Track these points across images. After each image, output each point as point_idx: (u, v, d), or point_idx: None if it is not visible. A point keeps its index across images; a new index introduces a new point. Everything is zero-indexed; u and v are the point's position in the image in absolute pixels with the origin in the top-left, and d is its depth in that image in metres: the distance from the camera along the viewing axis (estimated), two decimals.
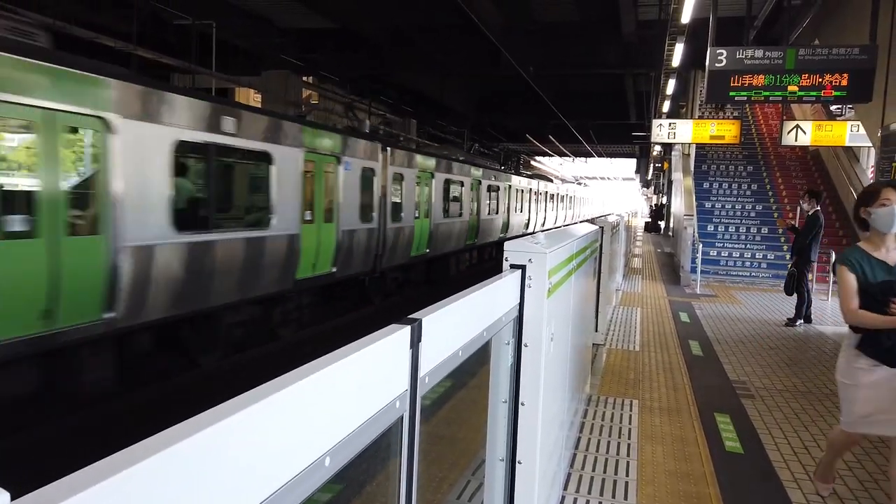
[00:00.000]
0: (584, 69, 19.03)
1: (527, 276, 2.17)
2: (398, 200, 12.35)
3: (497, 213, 19.48)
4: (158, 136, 6.31)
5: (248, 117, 7.73)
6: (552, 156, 47.89)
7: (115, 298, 5.88)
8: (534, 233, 2.49)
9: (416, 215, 13.27)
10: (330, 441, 0.92)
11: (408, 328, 1.19)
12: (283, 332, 9.22)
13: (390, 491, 1.26)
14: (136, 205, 6.04)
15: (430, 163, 14.09)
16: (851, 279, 3.06)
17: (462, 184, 16.14)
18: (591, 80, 23.39)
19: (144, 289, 6.19)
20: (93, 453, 0.58)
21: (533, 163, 48.67)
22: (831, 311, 9.80)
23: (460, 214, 16.09)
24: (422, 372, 1.28)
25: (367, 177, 10.87)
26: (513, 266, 2.18)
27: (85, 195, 5.77)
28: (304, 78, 18.21)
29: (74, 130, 5.62)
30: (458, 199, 15.99)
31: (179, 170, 6.78)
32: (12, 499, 0.43)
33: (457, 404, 3.51)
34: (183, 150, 6.75)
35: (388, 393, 1.13)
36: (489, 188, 18.50)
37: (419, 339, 1.25)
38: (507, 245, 2.22)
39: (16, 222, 5.17)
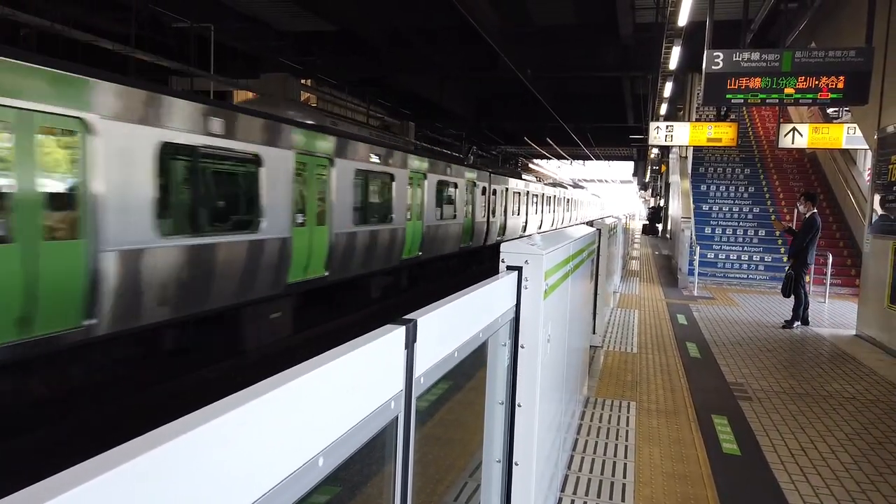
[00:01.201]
0: (581, 72, 19.06)
1: (523, 277, 2.18)
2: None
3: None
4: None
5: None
6: (550, 158, 47.97)
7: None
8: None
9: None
10: (324, 441, 0.92)
11: (402, 328, 1.19)
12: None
13: (385, 492, 1.25)
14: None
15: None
16: None
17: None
18: (589, 82, 23.44)
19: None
20: (85, 455, 0.58)
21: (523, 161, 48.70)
22: (828, 314, 9.82)
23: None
24: (417, 372, 1.28)
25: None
26: (509, 267, 2.18)
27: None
28: (303, 81, 18.22)
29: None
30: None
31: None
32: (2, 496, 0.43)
33: (453, 406, 3.51)
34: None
35: (383, 393, 1.13)
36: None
37: (414, 340, 1.25)
38: (503, 246, 2.22)
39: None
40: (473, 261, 18.41)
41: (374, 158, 11.41)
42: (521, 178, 24.37)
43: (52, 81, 5.32)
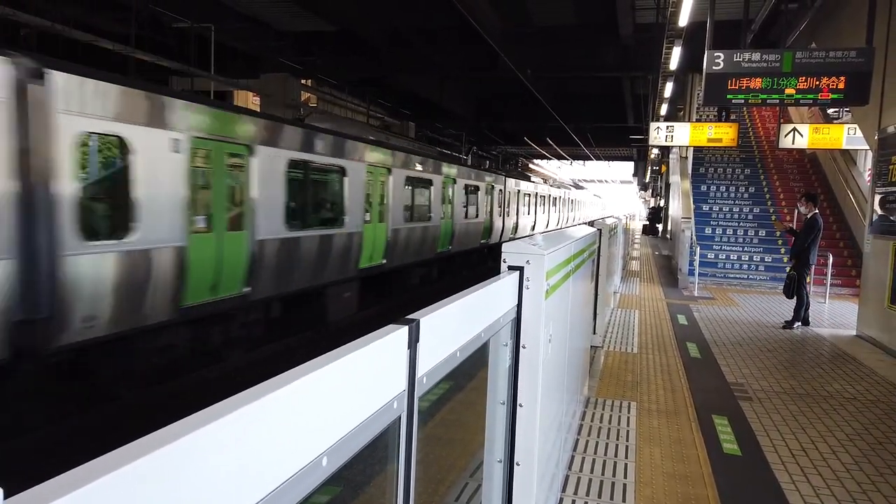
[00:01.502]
0: (581, 72, 19.07)
1: (524, 277, 2.17)
2: None
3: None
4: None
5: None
6: (550, 159, 47.98)
7: None
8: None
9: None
10: (327, 441, 0.92)
11: (405, 328, 1.19)
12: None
13: (388, 492, 1.25)
14: None
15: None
16: None
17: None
18: (589, 82, 23.44)
19: None
20: (90, 453, 0.58)
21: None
22: (829, 314, 9.82)
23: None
24: (419, 372, 1.28)
25: None
26: (510, 267, 2.18)
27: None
28: (303, 81, 18.22)
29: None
30: None
31: None
32: (6, 496, 0.43)
33: (455, 406, 3.51)
34: None
35: (386, 393, 1.13)
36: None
37: (417, 340, 1.25)
38: (504, 246, 2.22)
39: None
40: (490, 256, 19.51)
41: (418, 167, 13.42)
42: (530, 181, 25.80)
43: (237, 122, 7.54)
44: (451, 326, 1.51)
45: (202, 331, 7.63)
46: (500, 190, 20.04)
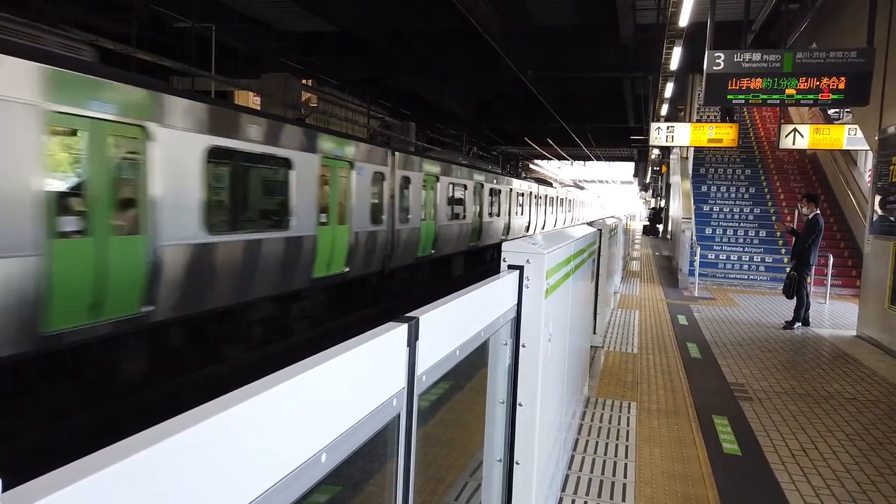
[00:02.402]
0: (582, 72, 19.06)
1: (524, 276, 2.18)
2: None
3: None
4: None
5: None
6: (551, 159, 47.98)
7: None
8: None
9: None
10: (326, 437, 0.92)
11: (405, 326, 1.19)
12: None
13: (387, 490, 1.25)
14: None
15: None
16: None
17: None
18: (590, 83, 23.44)
19: None
20: (85, 451, 0.58)
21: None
22: (829, 314, 9.81)
23: None
24: (419, 370, 1.28)
25: None
26: (510, 266, 2.18)
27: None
28: (304, 81, 18.23)
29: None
30: None
31: None
32: (5, 489, 0.43)
33: (454, 406, 3.51)
34: None
35: (385, 391, 1.13)
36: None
37: (416, 338, 1.25)
38: (505, 245, 2.22)
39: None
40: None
41: (457, 174, 15.37)
42: (540, 184, 27.88)
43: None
44: (450, 325, 1.51)
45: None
46: (518, 192, 21.52)
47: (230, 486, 0.71)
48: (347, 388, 0.99)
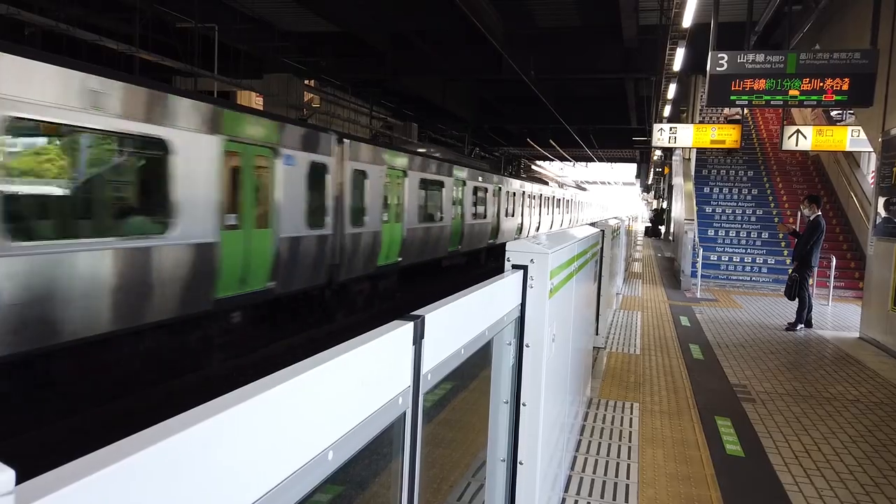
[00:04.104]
0: (584, 74, 19.06)
1: (528, 276, 2.17)
2: None
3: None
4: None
5: None
6: (553, 160, 47.97)
7: None
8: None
9: None
10: (333, 435, 0.92)
11: (410, 324, 1.19)
12: None
13: (392, 489, 1.25)
14: None
15: None
16: None
17: None
18: (592, 84, 23.44)
19: None
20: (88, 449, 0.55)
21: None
22: (832, 316, 9.79)
23: None
24: (424, 369, 1.28)
25: None
26: (514, 266, 2.18)
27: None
28: (306, 81, 18.25)
29: None
30: None
31: None
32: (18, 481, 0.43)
33: (458, 405, 3.51)
34: None
35: (391, 389, 1.13)
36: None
37: (422, 336, 1.25)
38: (508, 245, 2.22)
39: None
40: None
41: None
42: (551, 186, 29.82)
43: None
44: (455, 324, 1.51)
45: None
46: (531, 194, 23.43)
47: (239, 482, 0.71)
48: (354, 386, 0.99)
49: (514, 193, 22.11)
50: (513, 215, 21.90)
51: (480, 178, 17.91)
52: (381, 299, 12.16)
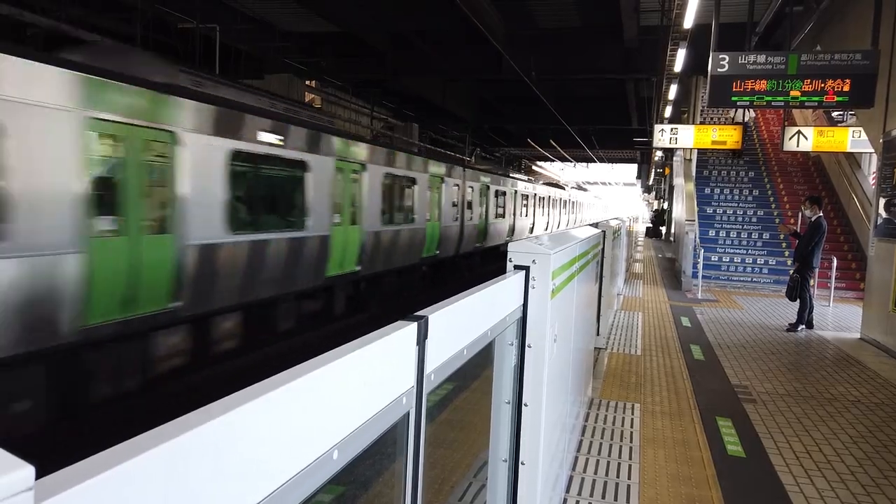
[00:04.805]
0: (585, 74, 19.07)
1: (530, 276, 2.18)
2: None
3: None
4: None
5: None
6: (553, 161, 47.97)
7: None
8: None
9: None
10: (338, 434, 0.92)
11: (414, 325, 1.20)
12: None
13: (396, 488, 1.26)
14: None
15: None
16: None
17: None
18: (593, 85, 23.44)
19: None
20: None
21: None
22: (832, 317, 9.79)
23: None
24: (428, 369, 1.28)
25: None
26: (516, 267, 2.18)
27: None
28: (307, 82, 18.26)
29: None
30: None
31: None
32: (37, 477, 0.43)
33: (459, 406, 3.52)
34: None
35: (395, 389, 1.14)
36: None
37: (425, 337, 1.25)
38: (510, 246, 2.23)
39: None
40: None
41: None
42: (560, 188, 31.43)
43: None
44: (458, 324, 1.52)
45: None
46: (541, 197, 24.75)
47: (246, 480, 0.71)
48: (358, 386, 1.00)
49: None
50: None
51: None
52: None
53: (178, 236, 6.72)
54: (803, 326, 8.51)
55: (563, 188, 34.76)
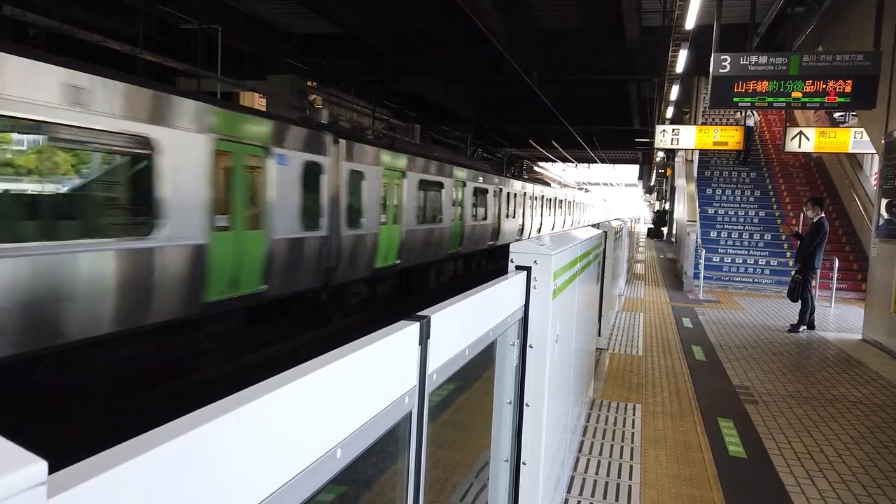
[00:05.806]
0: (587, 75, 19.08)
1: (532, 277, 2.19)
2: None
3: None
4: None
5: None
6: (555, 161, 47.96)
7: None
8: None
9: None
10: (341, 433, 0.93)
11: (417, 325, 1.21)
12: None
13: (398, 488, 1.27)
14: None
15: None
16: None
17: None
18: (595, 85, 23.44)
19: None
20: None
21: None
22: (834, 318, 9.79)
23: None
24: (430, 369, 1.29)
25: None
26: (518, 267, 2.19)
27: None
28: (309, 82, 18.28)
29: None
30: None
31: None
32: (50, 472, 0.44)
33: (461, 405, 3.52)
34: None
35: (398, 388, 1.15)
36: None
37: (428, 336, 1.26)
38: (512, 246, 2.23)
39: None
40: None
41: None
42: (567, 189, 32.57)
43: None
44: (460, 324, 1.53)
45: None
46: (550, 199, 25.74)
47: (250, 479, 0.72)
48: (361, 385, 1.00)
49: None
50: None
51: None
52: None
53: (267, 231, 8.33)
54: (805, 327, 8.50)
55: (567, 189, 35.02)
